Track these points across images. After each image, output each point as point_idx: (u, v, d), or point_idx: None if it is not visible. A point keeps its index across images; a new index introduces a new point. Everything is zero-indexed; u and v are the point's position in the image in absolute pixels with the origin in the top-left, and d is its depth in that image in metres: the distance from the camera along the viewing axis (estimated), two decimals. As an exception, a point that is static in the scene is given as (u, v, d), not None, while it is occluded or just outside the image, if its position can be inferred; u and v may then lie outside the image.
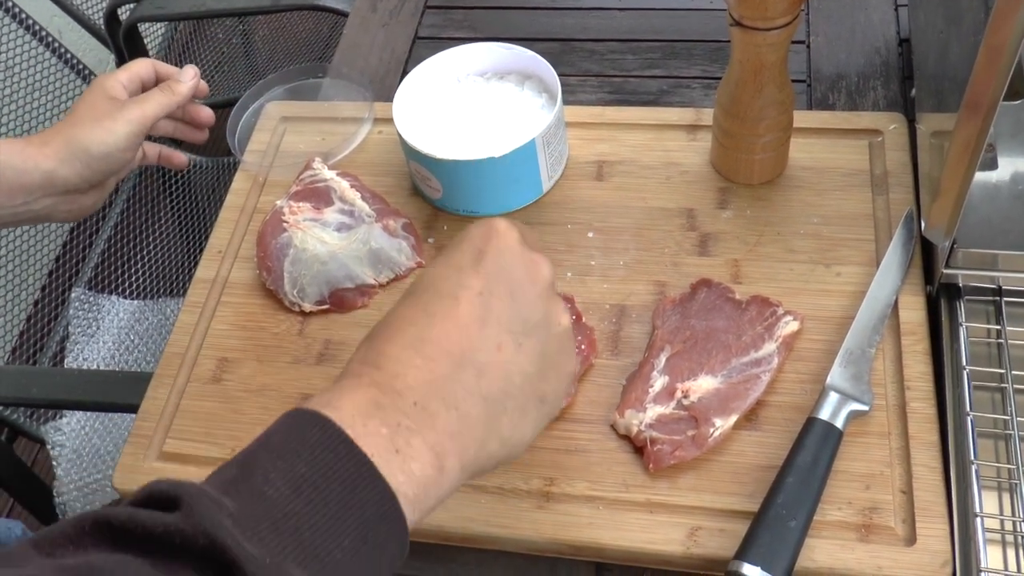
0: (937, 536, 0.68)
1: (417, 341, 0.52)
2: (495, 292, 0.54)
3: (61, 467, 1.43)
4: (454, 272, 0.55)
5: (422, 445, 0.49)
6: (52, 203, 0.85)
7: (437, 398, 0.51)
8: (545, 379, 0.55)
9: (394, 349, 0.52)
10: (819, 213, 0.87)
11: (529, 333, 0.54)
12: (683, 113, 0.97)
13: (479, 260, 0.55)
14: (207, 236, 0.96)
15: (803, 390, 0.77)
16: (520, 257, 0.56)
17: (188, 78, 0.90)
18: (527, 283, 0.55)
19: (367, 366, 0.52)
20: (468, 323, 0.53)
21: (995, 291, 0.80)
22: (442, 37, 1.18)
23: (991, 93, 0.64)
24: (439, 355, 0.52)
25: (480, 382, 0.52)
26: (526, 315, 0.54)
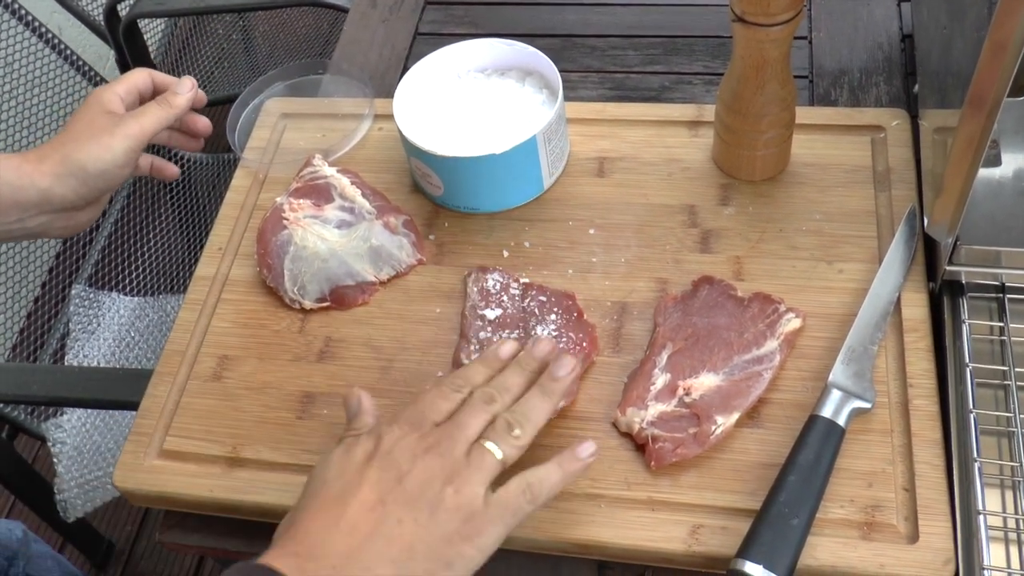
0: (940, 534, 0.68)
1: (333, 520, 0.61)
2: (389, 481, 0.62)
3: (62, 464, 1.43)
4: (355, 465, 0.64)
5: None
6: (47, 220, 0.84)
7: (354, 562, 0.59)
8: (449, 545, 0.61)
9: (314, 527, 0.61)
10: (821, 210, 0.87)
11: (424, 511, 0.61)
12: (685, 109, 0.96)
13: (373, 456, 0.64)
14: (208, 232, 0.96)
15: (805, 387, 0.76)
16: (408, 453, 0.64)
17: (185, 90, 0.88)
18: (416, 473, 0.63)
19: (291, 541, 0.61)
20: (373, 505, 0.61)
21: (998, 288, 0.80)
22: (443, 33, 1.17)
23: (995, 90, 0.64)
24: (352, 530, 0.60)
25: (389, 549, 0.60)
26: (418, 498, 0.62)
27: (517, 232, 0.90)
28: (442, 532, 0.61)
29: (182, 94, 0.88)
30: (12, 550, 1.24)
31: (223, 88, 1.94)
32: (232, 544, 0.80)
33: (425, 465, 0.63)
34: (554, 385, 0.69)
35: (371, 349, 0.84)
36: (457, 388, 0.68)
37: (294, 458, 0.79)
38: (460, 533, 0.61)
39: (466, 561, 0.62)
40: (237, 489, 0.78)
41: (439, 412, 0.67)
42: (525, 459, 0.74)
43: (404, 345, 0.84)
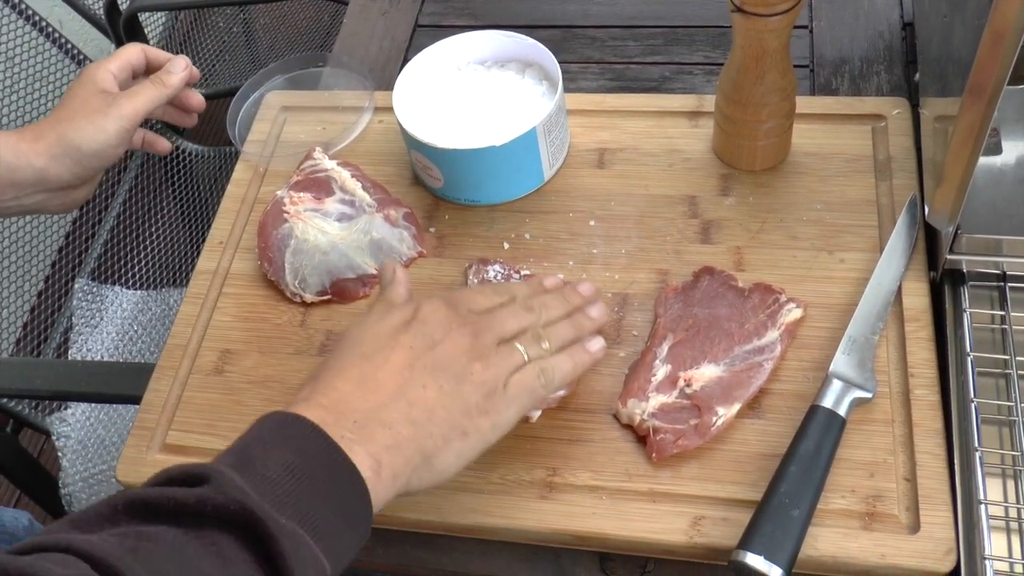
0: (941, 524, 0.68)
1: (359, 378, 0.63)
2: (421, 348, 0.65)
3: (66, 458, 1.43)
4: (390, 329, 0.66)
5: (363, 453, 0.59)
6: (43, 198, 0.85)
7: (375, 419, 0.61)
8: (467, 417, 0.64)
9: (339, 383, 0.63)
10: (822, 199, 0.87)
11: (450, 380, 0.64)
12: (685, 100, 0.96)
13: (409, 323, 0.66)
14: (210, 225, 0.96)
15: (806, 378, 0.76)
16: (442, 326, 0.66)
17: (179, 69, 0.89)
18: (447, 344, 0.65)
19: (316, 394, 0.62)
20: (400, 367, 0.64)
21: (999, 277, 0.80)
22: (442, 25, 1.17)
23: (995, 78, 0.64)
24: (377, 388, 0.63)
25: (410, 411, 0.62)
26: (446, 368, 0.64)
27: (518, 224, 0.90)
28: (463, 403, 0.64)
29: (176, 73, 0.88)
30: (19, 538, 1.25)
31: (224, 81, 1.94)
32: (235, 537, 0.80)
33: (457, 339, 0.66)
34: (586, 322, 0.73)
35: (372, 342, 0.84)
36: (499, 292, 0.72)
37: (296, 451, 0.79)
38: (479, 407, 0.64)
39: (481, 434, 0.64)
40: (239, 483, 0.78)
41: (478, 304, 0.69)
42: (528, 449, 0.75)
43: (405, 338, 0.84)
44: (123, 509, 0.51)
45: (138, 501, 0.52)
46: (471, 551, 0.76)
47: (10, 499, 1.93)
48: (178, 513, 0.51)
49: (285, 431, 0.59)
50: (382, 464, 0.60)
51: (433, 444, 0.62)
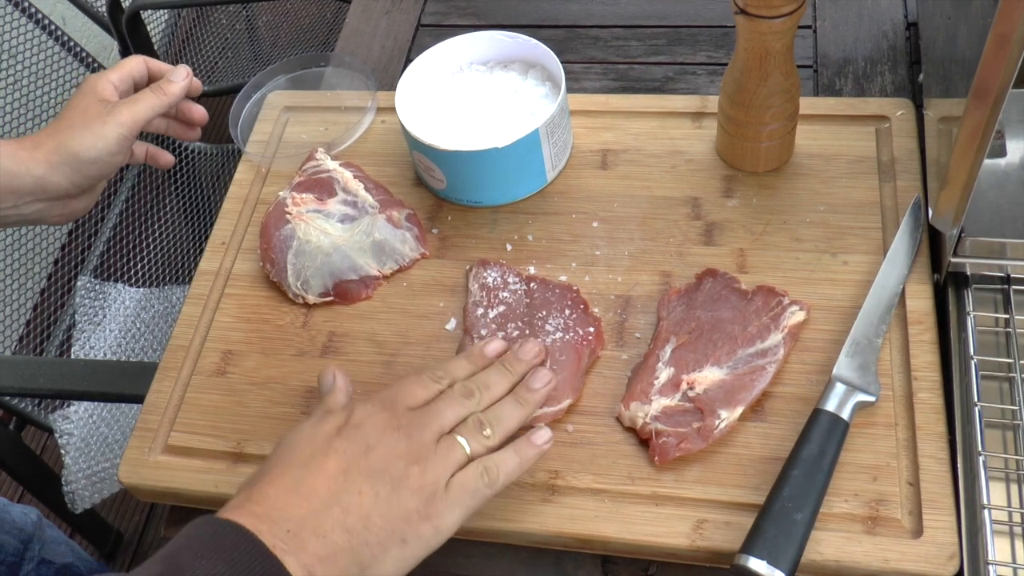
0: (944, 528, 0.67)
1: (293, 484, 0.61)
2: (356, 454, 0.63)
3: (69, 456, 1.44)
4: (324, 435, 0.64)
5: (295, 564, 0.58)
6: (43, 207, 0.85)
7: (308, 527, 0.60)
8: (406, 522, 0.62)
9: (273, 491, 0.61)
10: (825, 201, 0.87)
11: (386, 485, 0.62)
12: (688, 101, 0.96)
13: (343, 428, 0.65)
14: (212, 223, 0.96)
15: (809, 381, 0.76)
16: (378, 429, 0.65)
17: (180, 78, 0.88)
18: (383, 448, 0.63)
19: (249, 503, 0.61)
20: (336, 473, 0.62)
21: (1003, 279, 0.79)
22: (445, 25, 1.17)
23: (1000, 81, 0.63)
24: (311, 495, 0.61)
25: (345, 518, 0.61)
26: (382, 473, 0.62)
27: (520, 225, 0.90)
28: (401, 508, 0.62)
29: (176, 82, 0.87)
30: (28, 533, 1.25)
31: (227, 79, 1.94)
32: (237, 539, 0.80)
33: (393, 442, 0.64)
34: (529, 396, 0.71)
35: (374, 343, 0.84)
36: (437, 379, 0.70)
37: (298, 453, 0.79)
38: (419, 512, 0.62)
39: (422, 540, 0.63)
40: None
41: (415, 398, 0.68)
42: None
43: (407, 339, 0.84)
44: None
45: None
46: (473, 554, 0.76)
47: (13, 496, 1.93)
48: None
49: (218, 539, 0.57)
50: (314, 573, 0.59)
51: (370, 553, 0.61)
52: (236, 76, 1.94)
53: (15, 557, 1.23)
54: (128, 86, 0.88)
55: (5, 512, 1.26)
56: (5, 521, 1.24)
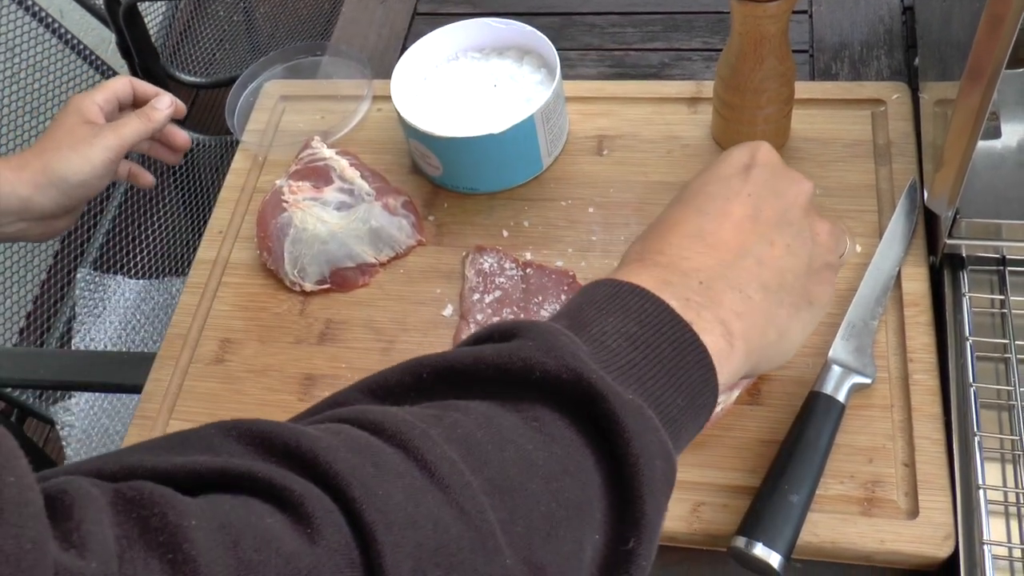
0: (939, 509, 0.68)
1: (697, 232, 0.55)
2: (763, 196, 0.56)
3: (71, 447, 1.44)
4: (722, 180, 0.57)
5: (712, 318, 0.51)
6: (24, 227, 0.86)
7: (722, 279, 0.53)
8: (813, 282, 0.57)
9: (676, 238, 0.54)
10: (822, 184, 0.86)
11: (798, 237, 0.56)
12: (684, 86, 0.96)
13: (746, 171, 0.58)
14: (211, 213, 0.96)
15: (805, 364, 0.76)
16: (783, 173, 0.59)
17: (164, 106, 0.90)
18: (790, 195, 0.57)
19: (650, 253, 0.54)
20: (742, 220, 0.55)
21: (999, 261, 0.79)
22: (441, 13, 1.17)
23: (993, 62, 0.63)
24: (719, 244, 0.54)
25: (760, 271, 0.54)
26: (791, 221, 0.56)
27: (517, 212, 0.90)
28: (811, 265, 0.57)
29: (161, 109, 0.90)
30: None
31: (224, 70, 1.93)
32: (236, 526, 0.81)
33: (799, 189, 0.59)
34: None
35: (372, 330, 0.85)
36: None
37: (296, 440, 0.79)
38: (821, 275, 0.58)
39: (823, 306, 0.59)
40: (240, 472, 0.78)
41: None
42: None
43: (404, 326, 0.84)
44: (430, 377, 0.45)
45: (448, 368, 0.44)
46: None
47: (15, 489, 1.94)
48: (496, 380, 0.44)
49: (621, 300, 0.50)
50: (734, 335, 0.52)
51: (785, 315, 0.55)
52: (234, 68, 1.94)
53: None
54: (113, 106, 0.90)
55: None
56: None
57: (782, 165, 0.60)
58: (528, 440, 0.42)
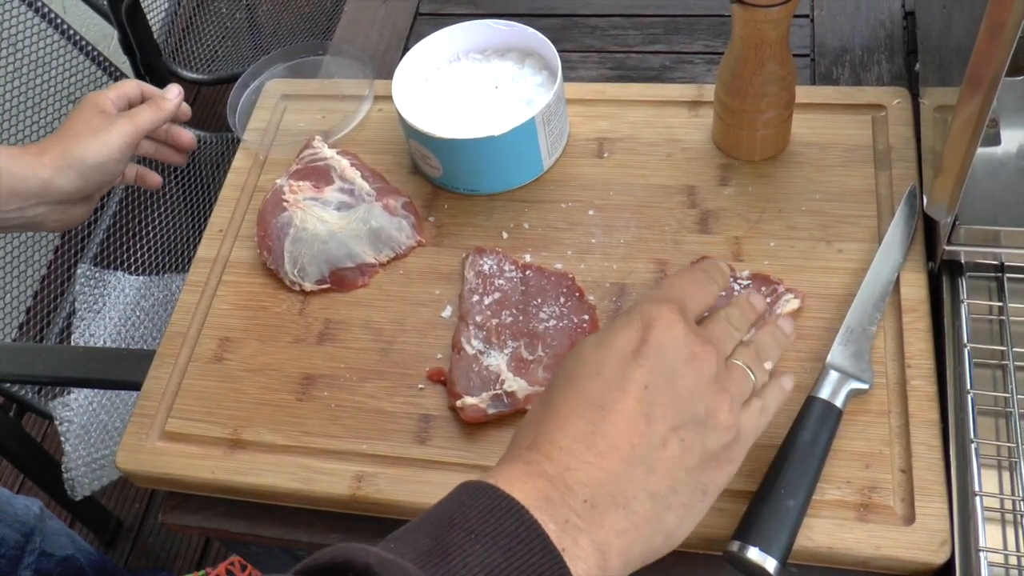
0: (936, 515, 0.68)
1: (588, 435, 0.53)
2: (659, 386, 0.54)
3: (69, 443, 1.44)
4: (618, 360, 0.55)
5: (589, 544, 0.50)
6: (44, 211, 0.88)
7: (607, 496, 0.51)
8: (706, 472, 0.55)
9: (565, 440, 0.53)
10: (821, 189, 0.87)
11: (691, 428, 0.54)
12: (684, 89, 0.96)
13: (642, 349, 0.55)
14: (212, 211, 0.96)
15: (803, 368, 0.76)
16: (683, 350, 0.56)
17: (173, 95, 0.95)
18: (690, 377, 0.55)
19: (537, 453, 0.53)
20: (636, 418, 0.53)
21: (997, 267, 0.80)
22: (443, 13, 1.17)
23: (993, 69, 0.64)
24: (610, 451, 0.52)
25: (649, 479, 0.53)
26: (689, 410, 0.55)
27: (517, 214, 0.90)
28: (706, 454, 0.55)
29: (170, 99, 0.94)
30: (29, 526, 1.26)
31: (227, 67, 1.93)
32: (234, 525, 0.81)
33: (701, 368, 0.56)
34: (782, 337, 0.66)
35: (371, 331, 0.85)
36: (712, 280, 0.64)
37: (294, 440, 0.79)
38: (720, 458, 0.56)
39: (716, 489, 0.56)
40: (238, 471, 0.78)
41: (700, 304, 0.61)
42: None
43: (403, 327, 0.84)
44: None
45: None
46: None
47: (14, 483, 1.94)
48: None
49: (496, 521, 0.48)
50: (611, 555, 0.50)
51: (674, 518, 0.54)
52: (236, 65, 1.94)
53: (16, 550, 1.24)
54: (124, 104, 0.94)
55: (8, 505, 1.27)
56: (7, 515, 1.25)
57: (681, 337, 0.56)
58: None
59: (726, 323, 0.62)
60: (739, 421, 0.57)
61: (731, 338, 0.61)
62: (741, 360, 0.60)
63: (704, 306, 0.61)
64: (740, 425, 0.57)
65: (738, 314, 0.64)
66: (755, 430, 0.60)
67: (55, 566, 1.30)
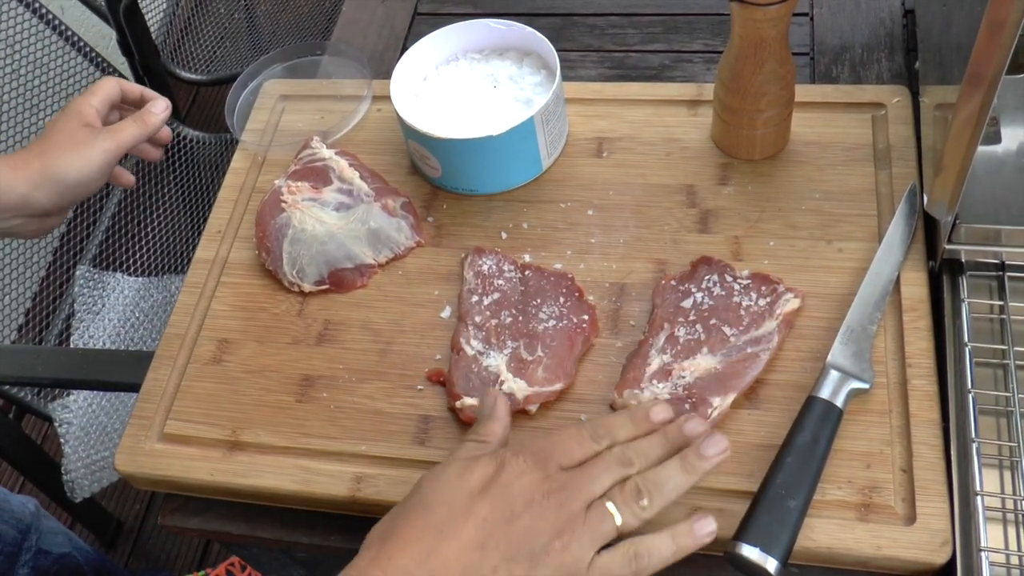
0: (937, 515, 0.68)
1: (425, 556, 0.58)
2: (497, 521, 0.59)
3: (69, 444, 1.44)
4: (466, 493, 0.61)
5: None
6: (20, 223, 0.89)
7: None
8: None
9: (403, 559, 0.58)
10: (821, 188, 0.86)
11: (523, 562, 0.59)
12: (684, 88, 0.96)
13: (489, 488, 0.61)
14: (211, 212, 0.96)
15: (803, 368, 0.76)
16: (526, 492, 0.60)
17: (160, 110, 0.93)
18: (527, 518, 0.59)
19: (376, 569, 0.58)
20: (471, 546, 0.59)
21: (998, 266, 0.79)
22: (441, 13, 1.17)
23: (993, 68, 0.63)
24: (442, 570, 0.58)
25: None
26: (523, 546, 0.59)
27: (516, 214, 0.90)
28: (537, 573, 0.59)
29: (157, 114, 0.93)
30: (26, 523, 1.26)
31: (226, 67, 1.93)
32: (233, 527, 0.81)
33: (540, 512, 0.60)
34: (699, 463, 0.63)
35: (370, 332, 0.84)
36: (596, 438, 0.64)
37: (293, 441, 0.79)
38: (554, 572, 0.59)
39: None
40: (237, 472, 0.78)
41: (570, 457, 0.63)
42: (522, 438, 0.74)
43: (402, 328, 0.84)
44: None
45: None
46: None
47: (14, 485, 1.94)
48: None
49: None
50: None
51: None
52: (235, 65, 1.94)
53: (13, 547, 1.24)
54: (107, 108, 0.93)
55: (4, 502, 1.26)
56: (4, 511, 1.25)
57: (528, 483, 0.61)
58: None
59: (608, 462, 0.63)
60: (581, 561, 0.59)
61: (602, 478, 0.62)
62: (612, 500, 0.61)
63: (574, 460, 0.63)
64: (591, 564, 0.59)
65: (644, 447, 0.64)
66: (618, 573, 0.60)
67: (52, 564, 1.30)
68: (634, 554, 0.60)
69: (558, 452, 0.63)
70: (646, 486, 0.62)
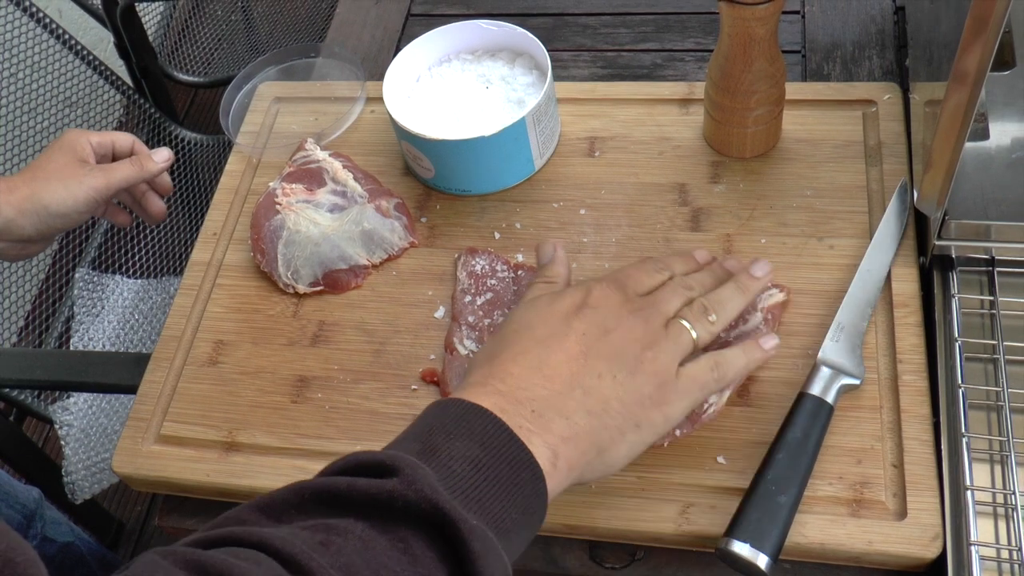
0: (928, 510, 0.68)
1: (535, 365, 0.63)
2: (595, 335, 0.65)
3: (69, 446, 1.44)
4: (561, 315, 0.66)
5: (541, 443, 0.59)
6: (3, 247, 0.90)
7: (552, 408, 0.61)
8: (641, 407, 0.63)
9: (516, 368, 0.63)
10: (812, 186, 0.87)
11: (623, 370, 0.64)
12: (675, 87, 0.96)
13: (581, 310, 0.66)
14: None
15: (795, 365, 0.76)
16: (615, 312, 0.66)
17: (162, 159, 0.95)
18: (618, 333, 0.65)
19: (492, 379, 0.62)
20: (576, 355, 0.64)
21: (988, 262, 0.80)
22: (435, 14, 1.17)
23: (978, 64, 0.64)
24: (553, 376, 0.62)
25: (586, 400, 0.62)
26: (619, 357, 0.64)
27: (509, 213, 0.90)
28: (637, 393, 0.63)
29: (157, 162, 0.95)
30: (31, 509, 1.26)
31: (223, 69, 1.94)
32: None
33: (629, 326, 0.65)
34: (751, 283, 0.72)
35: (364, 332, 0.85)
36: (659, 270, 0.71)
37: (289, 442, 0.79)
38: (652, 398, 0.64)
39: (653, 426, 0.64)
40: (233, 473, 0.79)
41: (642, 285, 0.70)
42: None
43: (396, 328, 0.85)
44: (311, 498, 0.53)
45: (327, 492, 0.53)
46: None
47: (15, 487, 1.94)
48: (367, 506, 0.52)
49: (468, 422, 0.58)
50: (559, 456, 0.60)
51: (608, 436, 0.62)
52: (232, 67, 1.94)
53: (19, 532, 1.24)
54: (107, 151, 0.94)
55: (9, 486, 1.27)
56: (9, 496, 1.25)
57: (615, 304, 0.67)
58: (397, 562, 0.50)
59: (675, 287, 0.70)
60: (670, 370, 0.65)
61: (673, 300, 0.69)
62: (685, 319, 0.68)
63: (645, 287, 0.69)
64: (679, 374, 0.65)
65: (700, 277, 0.72)
66: (702, 381, 0.66)
67: (57, 552, 1.31)
68: (715, 363, 0.67)
69: (632, 281, 0.69)
70: (711, 305, 0.69)
